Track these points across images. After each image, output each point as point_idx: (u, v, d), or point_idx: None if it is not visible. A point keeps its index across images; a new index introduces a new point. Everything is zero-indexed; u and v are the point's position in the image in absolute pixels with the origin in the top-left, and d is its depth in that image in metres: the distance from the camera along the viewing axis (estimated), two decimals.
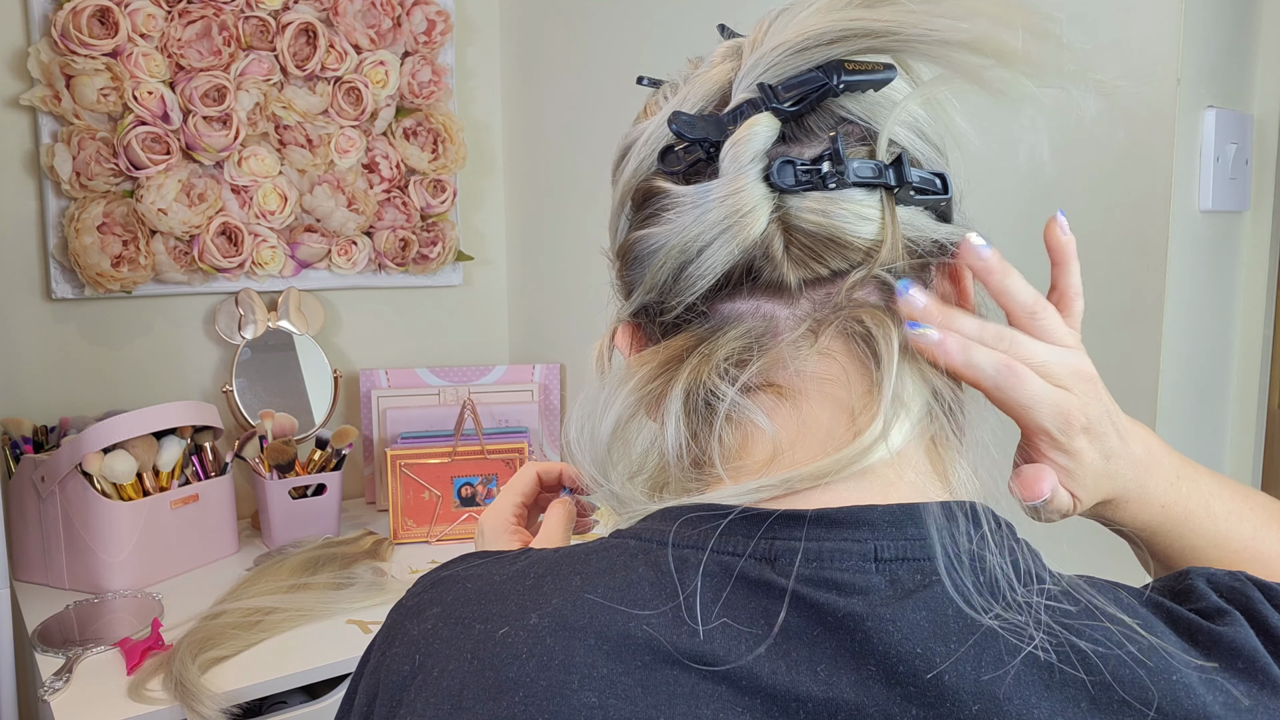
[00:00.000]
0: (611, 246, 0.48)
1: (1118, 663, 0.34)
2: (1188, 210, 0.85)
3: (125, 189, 1.40)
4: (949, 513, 0.37)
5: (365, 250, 1.62)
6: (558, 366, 1.70)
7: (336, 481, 1.45)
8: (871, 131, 0.41)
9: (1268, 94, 0.91)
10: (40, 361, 1.41)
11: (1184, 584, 0.40)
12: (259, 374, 1.54)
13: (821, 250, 0.40)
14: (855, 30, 0.38)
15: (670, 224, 0.41)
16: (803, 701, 0.33)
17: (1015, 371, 0.41)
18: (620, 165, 0.46)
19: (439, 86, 1.64)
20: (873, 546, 0.36)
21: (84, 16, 1.31)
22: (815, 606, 0.35)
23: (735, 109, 0.40)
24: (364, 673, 0.41)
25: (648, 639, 0.35)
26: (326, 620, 1.14)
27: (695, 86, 0.43)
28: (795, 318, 0.41)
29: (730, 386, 0.40)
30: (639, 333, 0.46)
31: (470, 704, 0.35)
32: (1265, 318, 0.94)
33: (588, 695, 0.33)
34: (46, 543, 1.25)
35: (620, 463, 0.44)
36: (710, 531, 0.37)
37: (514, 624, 0.36)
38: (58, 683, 0.98)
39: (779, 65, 0.40)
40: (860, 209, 0.39)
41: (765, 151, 0.39)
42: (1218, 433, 0.95)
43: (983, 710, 0.32)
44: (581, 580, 0.37)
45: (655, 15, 1.38)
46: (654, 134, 0.43)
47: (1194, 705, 0.33)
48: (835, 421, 0.40)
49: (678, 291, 0.42)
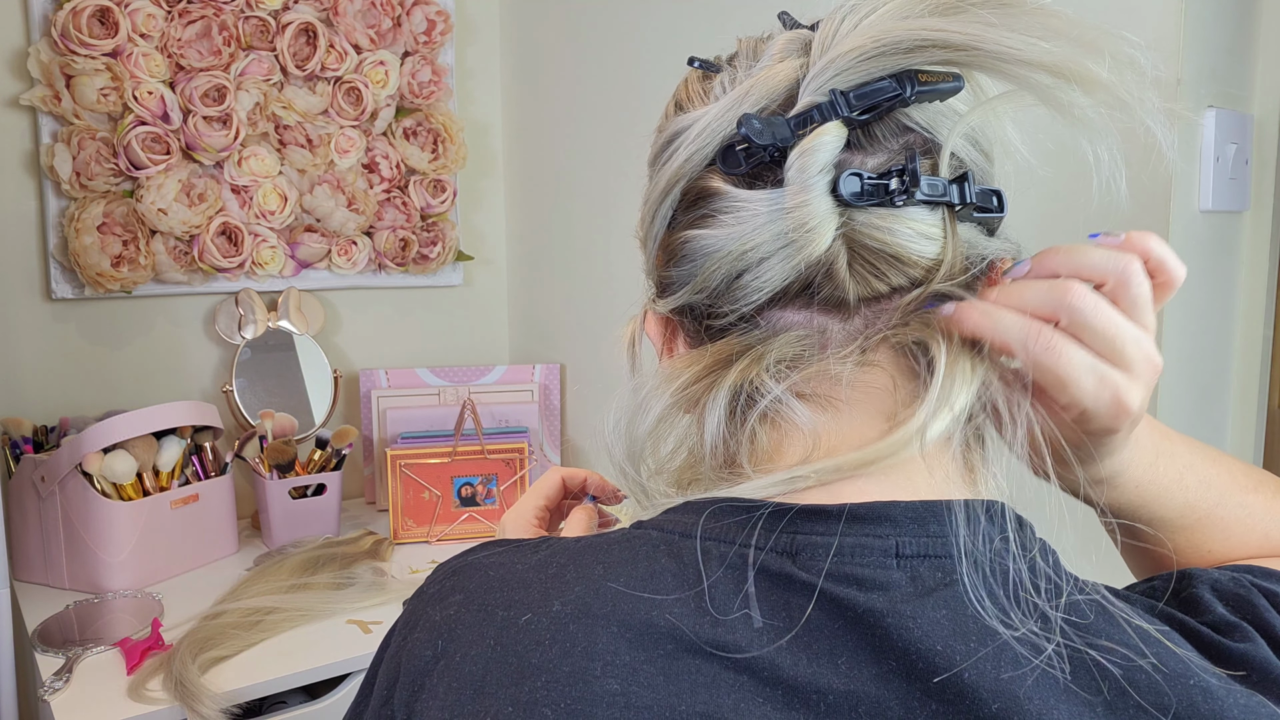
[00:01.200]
0: (647, 234, 0.46)
1: (1133, 669, 0.34)
2: (1188, 210, 0.85)
3: (125, 189, 1.40)
4: (970, 512, 0.37)
5: (365, 250, 1.62)
6: (558, 366, 1.70)
7: (336, 481, 1.45)
8: (934, 143, 0.40)
9: (1268, 94, 0.91)
10: (40, 361, 1.41)
11: (1188, 592, 0.40)
12: (259, 374, 1.54)
13: (883, 268, 0.39)
14: (934, 41, 0.37)
15: (728, 228, 0.40)
16: (824, 693, 0.33)
17: (1046, 340, 0.37)
18: (666, 152, 0.44)
19: (439, 86, 1.64)
20: (894, 543, 0.36)
21: (84, 16, 1.31)
22: (836, 601, 0.35)
23: (804, 113, 0.39)
24: (384, 658, 0.41)
25: (670, 628, 0.35)
26: (326, 620, 1.14)
27: (759, 82, 0.40)
28: (848, 333, 0.40)
29: (777, 384, 0.39)
30: (678, 329, 0.46)
31: (493, 689, 0.35)
32: (1265, 318, 0.94)
33: (610, 682, 0.34)
34: (46, 543, 1.25)
35: (650, 458, 0.44)
36: (733, 525, 0.37)
37: (537, 611, 0.36)
38: (58, 683, 0.98)
39: (851, 70, 0.38)
40: (925, 228, 0.39)
41: (833, 162, 0.38)
42: (1218, 433, 0.95)
43: (1002, 709, 0.32)
44: (604, 569, 0.37)
45: (655, 15, 1.38)
46: (711, 126, 0.41)
47: (1211, 710, 0.33)
48: (874, 427, 0.40)
49: (731, 299, 0.41)
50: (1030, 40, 0.36)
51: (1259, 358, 0.95)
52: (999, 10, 0.37)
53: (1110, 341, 0.37)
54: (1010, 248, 0.43)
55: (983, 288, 0.41)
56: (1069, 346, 0.37)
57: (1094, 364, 0.37)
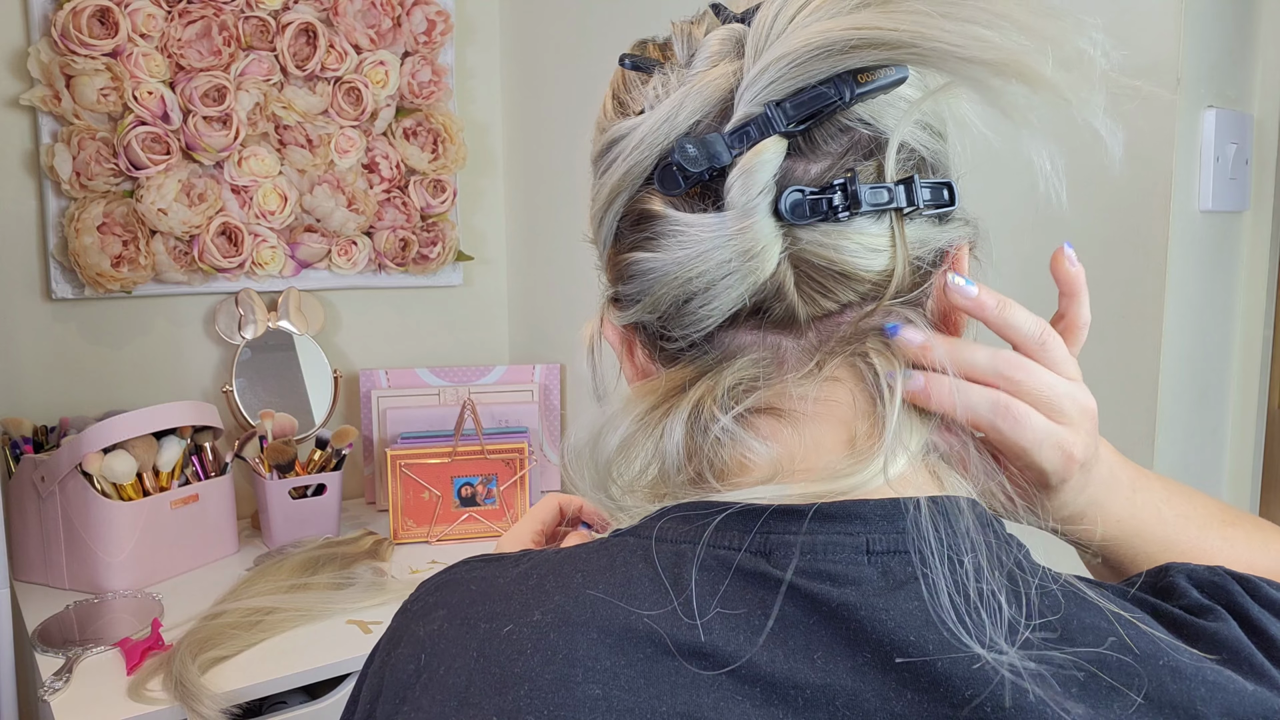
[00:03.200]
0: (596, 235, 0.46)
1: (1105, 651, 0.35)
2: (1188, 210, 0.85)
3: (125, 189, 1.40)
4: (939, 508, 0.37)
5: (365, 250, 1.62)
6: (558, 366, 1.70)
7: (336, 481, 1.45)
8: (879, 140, 0.39)
9: (1268, 94, 0.91)
10: (40, 361, 1.41)
11: (1165, 581, 0.41)
12: (259, 374, 1.54)
13: (831, 285, 0.39)
14: (870, 40, 0.35)
15: (671, 253, 0.39)
16: (801, 688, 0.34)
17: (1014, 413, 0.41)
18: (606, 159, 0.42)
19: (439, 86, 1.64)
20: (864, 539, 0.37)
21: (84, 16, 1.31)
22: (810, 597, 0.35)
23: (740, 128, 0.37)
24: (368, 674, 0.42)
25: (649, 632, 0.35)
26: (326, 620, 1.14)
27: (693, 92, 0.39)
28: (802, 349, 0.40)
29: (726, 415, 0.40)
30: (635, 341, 0.46)
31: (476, 699, 0.35)
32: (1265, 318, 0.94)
33: (592, 687, 0.34)
34: (46, 543, 1.25)
35: (621, 477, 0.44)
36: (706, 527, 0.38)
37: (518, 621, 0.37)
38: (58, 683, 0.98)
39: (785, 78, 0.36)
40: (871, 239, 0.38)
41: (774, 179, 0.37)
42: (1218, 433, 0.95)
43: (975, 695, 0.33)
44: (583, 578, 0.38)
45: (656, 15, 1.38)
46: (647, 139, 0.40)
47: (1179, 689, 0.34)
48: (836, 442, 0.40)
49: (681, 324, 0.41)
50: (972, 32, 0.34)
51: (1259, 358, 0.95)
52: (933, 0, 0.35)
53: (1049, 403, 0.42)
54: (964, 232, 0.42)
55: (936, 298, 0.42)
56: (1030, 416, 0.41)
57: (1050, 429, 0.41)
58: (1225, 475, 0.97)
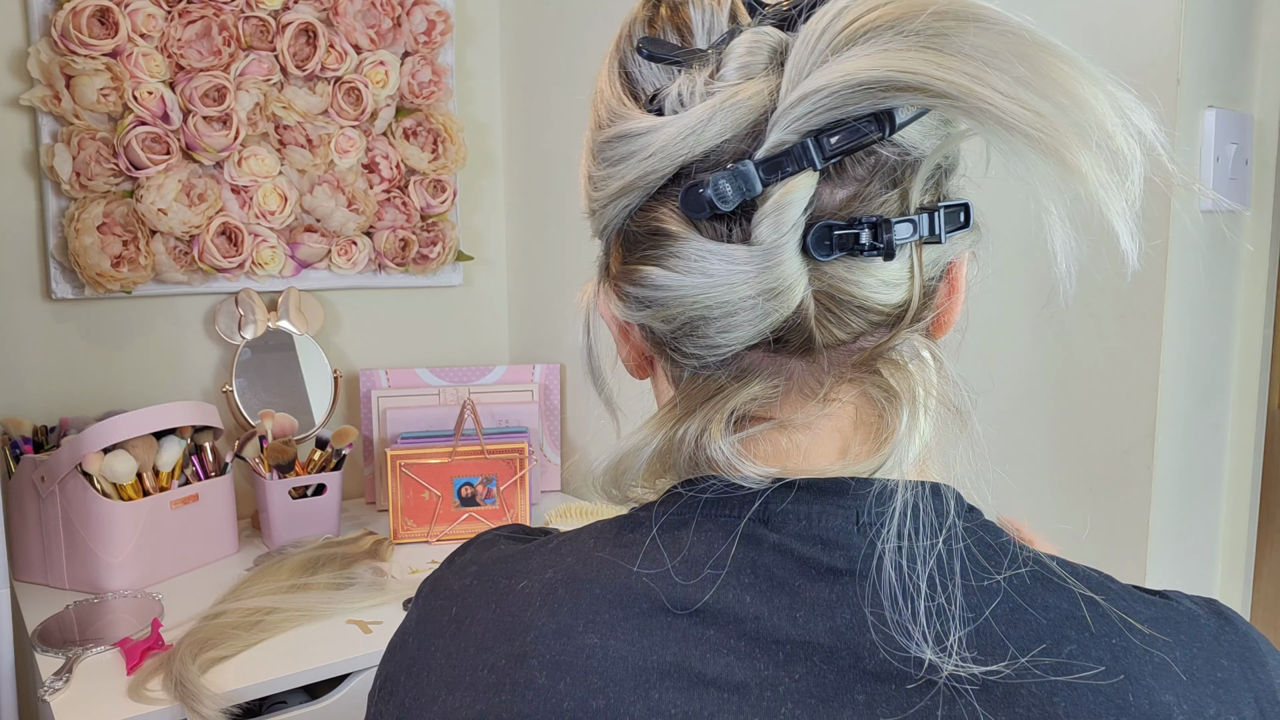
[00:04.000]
0: (596, 218, 0.45)
1: (1065, 628, 0.37)
2: (1188, 210, 0.85)
3: (125, 189, 1.40)
4: (920, 491, 0.39)
5: (365, 250, 1.62)
6: (558, 366, 1.70)
7: (336, 481, 1.45)
8: (905, 161, 0.38)
9: (1268, 94, 0.91)
10: (40, 361, 1.41)
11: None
12: (259, 374, 1.54)
13: (849, 317, 0.39)
14: (918, 86, 0.34)
15: (691, 277, 0.38)
16: (781, 644, 0.38)
17: None
18: (613, 151, 0.41)
19: (439, 86, 1.64)
20: (854, 512, 0.40)
21: (84, 16, 1.31)
22: (802, 560, 0.39)
23: (774, 159, 0.36)
24: (411, 612, 0.48)
25: (646, 589, 0.40)
26: (326, 620, 1.14)
27: (724, 109, 0.37)
28: (812, 373, 0.41)
29: (729, 441, 0.41)
30: (638, 336, 0.45)
31: (490, 644, 0.41)
32: (1265, 318, 0.94)
33: (591, 637, 0.39)
34: (46, 543, 1.25)
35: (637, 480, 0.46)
36: (709, 499, 0.41)
37: (532, 579, 0.42)
38: (58, 683, 0.98)
39: (825, 111, 0.35)
40: (893, 276, 0.38)
41: (804, 214, 0.36)
42: (1218, 433, 0.95)
43: (932, 674, 0.36)
44: (594, 542, 0.43)
45: None
46: (668, 149, 0.38)
47: (1131, 662, 0.37)
48: (831, 449, 0.42)
49: (694, 343, 0.40)
50: (1023, 98, 0.33)
51: (1259, 358, 0.95)
52: (993, 49, 0.34)
53: None
54: (969, 240, 0.42)
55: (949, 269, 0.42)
56: None
57: None
58: (1225, 475, 0.97)
